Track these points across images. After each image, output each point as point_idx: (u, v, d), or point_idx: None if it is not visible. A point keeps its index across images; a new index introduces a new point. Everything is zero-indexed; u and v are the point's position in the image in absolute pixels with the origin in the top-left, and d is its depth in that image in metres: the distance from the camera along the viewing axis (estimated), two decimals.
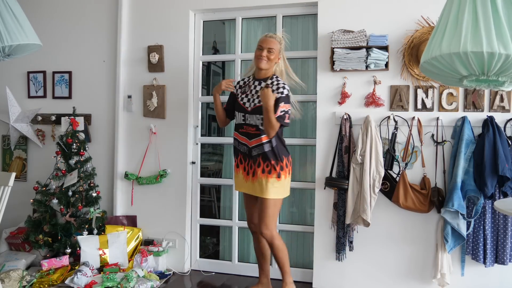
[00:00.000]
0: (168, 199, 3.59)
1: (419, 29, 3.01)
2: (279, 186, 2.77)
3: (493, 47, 1.46)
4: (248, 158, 2.83)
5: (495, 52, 1.46)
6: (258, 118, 2.77)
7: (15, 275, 3.07)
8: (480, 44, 1.47)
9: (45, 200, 3.56)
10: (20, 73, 4.04)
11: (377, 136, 3.00)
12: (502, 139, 2.77)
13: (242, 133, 2.85)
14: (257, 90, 2.81)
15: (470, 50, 1.49)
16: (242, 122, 2.85)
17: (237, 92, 2.93)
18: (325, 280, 3.22)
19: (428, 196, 2.92)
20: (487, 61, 1.50)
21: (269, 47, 2.76)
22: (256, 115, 2.77)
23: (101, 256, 3.39)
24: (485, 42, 1.47)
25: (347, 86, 3.16)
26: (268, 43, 2.77)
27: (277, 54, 2.81)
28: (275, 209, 2.79)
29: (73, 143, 3.60)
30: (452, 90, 2.99)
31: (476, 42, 1.48)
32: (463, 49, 1.50)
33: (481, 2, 1.53)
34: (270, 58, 2.77)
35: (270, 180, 2.74)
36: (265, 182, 2.74)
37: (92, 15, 3.83)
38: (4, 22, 2.19)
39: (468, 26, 1.52)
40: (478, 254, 2.85)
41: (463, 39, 1.50)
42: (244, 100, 2.85)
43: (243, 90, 2.90)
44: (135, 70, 3.69)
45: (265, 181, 2.74)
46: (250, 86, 2.87)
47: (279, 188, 2.77)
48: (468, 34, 1.51)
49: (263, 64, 2.77)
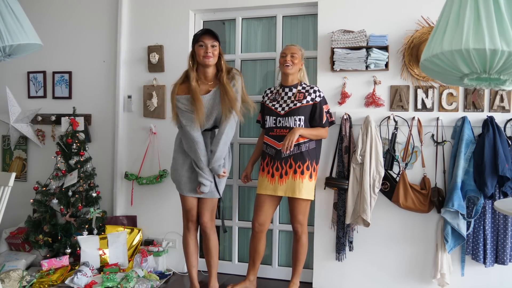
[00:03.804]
0: (168, 199, 3.59)
1: (419, 29, 3.01)
2: (311, 187, 2.93)
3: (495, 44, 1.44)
4: (275, 160, 2.93)
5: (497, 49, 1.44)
6: (296, 120, 2.89)
7: (15, 275, 3.07)
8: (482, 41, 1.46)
9: (45, 200, 3.55)
10: (20, 73, 4.04)
11: (377, 136, 3.00)
12: (502, 139, 2.77)
13: (271, 136, 2.96)
14: (289, 96, 2.96)
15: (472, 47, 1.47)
16: (273, 125, 2.96)
17: (264, 100, 3.08)
18: (325, 280, 3.23)
19: (428, 196, 2.93)
20: (489, 59, 1.49)
21: (292, 53, 2.93)
22: (293, 116, 2.90)
23: (101, 256, 3.39)
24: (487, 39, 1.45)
25: (347, 86, 3.16)
26: (290, 50, 2.95)
27: (300, 59, 2.96)
28: (306, 207, 2.95)
29: (73, 143, 3.60)
30: (452, 90, 2.99)
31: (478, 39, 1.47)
32: (465, 46, 1.48)
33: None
34: (294, 62, 2.93)
35: (303, 180, 2.87)
36: (298, 182, 2.86)
37: (92, 15, 3.83)
38: (5, 21, 2.19)
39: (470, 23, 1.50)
40: (478, 254, 2.86)
41: (465, 36, 1.49)
42: (276, 106, 2.97)
43: (273, 98, 3.03)
44: (135, 70, 3.69)
45: (298, 181, 2.86)
46: (280, 94, 3.01)
47: (311, 189, 2.92)
48: (470, 31, 1.49)
49: (289, 69, 2.93)
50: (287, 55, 2.93)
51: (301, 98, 2.92)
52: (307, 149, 2.89)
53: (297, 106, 2.90)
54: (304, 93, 2.93)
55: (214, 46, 2.74)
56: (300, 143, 2.88)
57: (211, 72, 2.80)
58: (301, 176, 2.87)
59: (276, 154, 2.92)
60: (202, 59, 2.73)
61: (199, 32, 2.77)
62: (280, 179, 2.91)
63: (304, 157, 2.88)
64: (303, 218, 2.94)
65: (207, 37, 2.72)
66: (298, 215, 2.93)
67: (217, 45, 2.75)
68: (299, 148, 2.88)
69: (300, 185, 2.86)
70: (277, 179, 2.92)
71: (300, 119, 2.89)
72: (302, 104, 2.90)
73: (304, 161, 2.87)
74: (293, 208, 2.94)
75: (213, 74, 2.81)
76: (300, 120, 2.89)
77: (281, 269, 3.46)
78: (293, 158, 2.88)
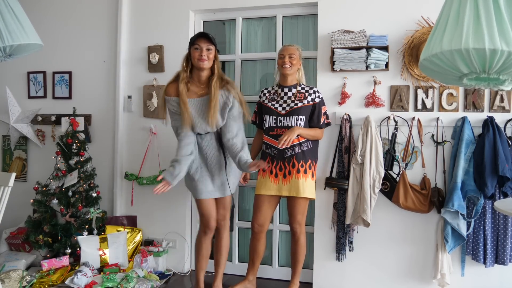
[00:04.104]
0: (168, 199, 3.58)
1: (419, 29, 3.01)
2: (313, 186, 2.94)
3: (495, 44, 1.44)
4: (278, 160, 2.92)
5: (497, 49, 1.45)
6: (297, 119, 2.90)
7: (15, 276, 3.07)
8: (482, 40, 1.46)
9: (45, 200, 3.55)
10: (20, 73, 4.04)
11: (377, 136, 3.00)
12: (502, 139, 2.77)
13: (272, 135, 2.95)
14: (289, 96, 2.95)
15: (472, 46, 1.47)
16: (273, 125, 2.96)
17: (261, 100, 3.06)
18: (325, 280, 3.23)
19: (428, 196, 2.93)
20: (489, 58, 1.49)
21: (290, 53, 2.92)
22: (295, 116, 2.90)
23: (101, 256, 3.39)
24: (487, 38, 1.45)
25: (347, 86, 3.16)
26: (288, 50, 2.94)
27: (298, 60, 2.96)
28: (305, 207, 2.96)
29: (73, 143, 3.60)
30: (452, 90, 2.99)
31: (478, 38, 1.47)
32: (465, 46, 1.48)
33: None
34: (293, 63, 2.92)
35: (307, 179, 2.88)
36: (302, 181, 2.87)
37: (92, 15, 3.83)
38: (5, 21, 2.19)
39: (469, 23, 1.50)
40: (478, 254, 2.85)
41: (464, 35, 1.49)
42: (275, 105, 2.97)
43: (271, 98, 3.02)
44: (135, 70, 3.69)
45: (302, 180, 2.87)
46: (279, 94, 3.00)
47: (312, 188, 2.94)
48: (469, 30, 1.49)
49: (288, 70, 2.93)
50: (285, 56, 2.92)
51: (301, 98, 2.92)
52: (308, 148, 2.91)
53: (299, 106, 2.90)
54: (304, 93, 2.93)
55: (209, 50, 2.72)
56: (302, 143, 2.88)
57: (205, 76, 2.79)
58: (304, 175, 2.88)
59: (278, 154, 2.92)
60: (197, 62, 2.72)
61: (195, 35, 2.78)
62: (284, 179, 2.91)
63: (306, 156, 2.89)
64: (302, 218, 2.94)
65: (203, 40, 2.72)
66: (298, 215, 2.92)
67: (212, 49, 2.74)
68: (301, 147, 2.88)
69: (304, 184, 2.87)
70: (281, 179, 2.92)
71: (302, 119, 2.89)
72: (304, 104, 2.90)
73: (306, 160, 2.89)
74: (293, 208, 2.94)
75: (207, 78, 2.80)
76: (301, 120, 2.89)
77: (281, 269, 3.46)
78: (296, 158, 2.88)
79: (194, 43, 2.73)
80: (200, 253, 2.98)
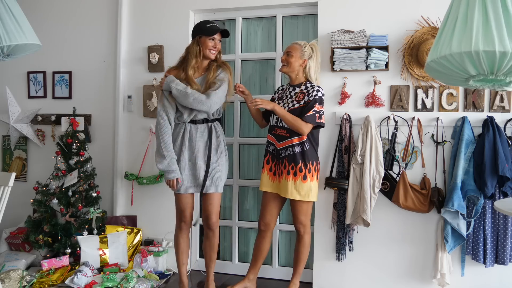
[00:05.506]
0: (168, 199, 3.58)
1: (419, 29, 3.01)
2: (306, 188, 2.84)
3: (505, 46, 1.44)
4: (275, 159, 2.94)
5: (507, 51, 1.44)
6: None
7: (15, 275, 3.07)
8: (492, 43, 1.46)
9: (45, 200, 3.56)
10: (20, 73, 4.04)
11: (377, 136, 2.99)
12: (502, 139, 2.77)
13: (273, 134, 2.97)
14: (291, 96, 2.93)
15: (482, 49, 1.47)
16: (274, 124, 2.97)
17: (274, 97, 3.07)
18: (325, 280, 3.23)
19: (428, 196, 2.92)
20: (498, 60, 1.49)
21: (287, 51, 2.90)
22: None
23: (101, 256, 3.39)
24: (497, 41, 1.45)
25: (347, 86, 3.16)
26: (288, 48, 2.92)
27: (299, 57, 2.88)
28: (307, 208, 2.93)
29: (73, 143, 3.60)
30: (452, 90, 2.99)
31: (488, 41, 1.46)
32: (475, 48, 1.48)
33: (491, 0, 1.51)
34: (289, 61, 2.88)
35: (296, 182, 2.84)
36: (291, 183, 2.84)
37: (92, 15, 3.83)
38: (3, 22, 2.19)
39: (478, 25, 1.50)
40: (478, 254, 2.85)
41: (474, 38, 1.49)
42: (280, 104, 2.96)
43: (280, 96, 3.02)
44: (135, 70, 3.69)
45: (290, 182, 2.84)
46: (286, 92, 2.99)
47: (305, 190, 2.84)
48: (479, 32, 1.49)
49: (283, 68, 2.93)
50: (284, 53, 2.93)
51: (300, 99, 2.87)
52: (301, 150, 2.85)
53: (295, 107, 2.86)
54: (305, 94, 2.88)
55: (220, 42, 2.90)
56: (294, 145, 2.84)
57: (206, 63, 2.92)
58: (293, 177, 2.84)
59: (276, 153, 2.93)
60: (208, 52, 2.84)
61: (214, 27, 2.84)
62: (278, 178, 2.93)
63: (297, 159, 2.83)
64: (305, 218, 2.93)
65: (219, 35, 2.87)
66: (299, 215, 2.92)
67: (221, 41, 2.92)
68: (293, 149, 2.85)
69: (293, 186, 2.84)
70: (277, 177, 2.94)
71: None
72: (300, 105, 2.85)
73: (296, 163, 2.83)
74: (293, 209, 2.94)
75: (206, 65, 2.93)
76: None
77: (281, 269, 3.46)
78: (287, 159, 2.86)
79: (212, 34, 2.82)
80: (179, 249, 3.02)
